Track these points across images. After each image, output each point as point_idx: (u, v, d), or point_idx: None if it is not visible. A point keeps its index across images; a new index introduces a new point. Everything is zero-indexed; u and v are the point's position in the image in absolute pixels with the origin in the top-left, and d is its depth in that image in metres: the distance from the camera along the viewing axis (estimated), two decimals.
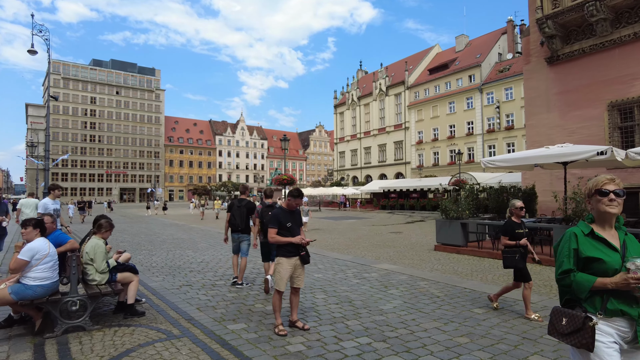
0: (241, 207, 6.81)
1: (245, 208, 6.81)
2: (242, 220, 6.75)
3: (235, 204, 6.93)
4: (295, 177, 19.26)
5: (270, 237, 4.33)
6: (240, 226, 6.76)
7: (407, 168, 51.71)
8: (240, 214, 6.76)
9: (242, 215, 6.75)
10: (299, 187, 5.31)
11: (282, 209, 4.45)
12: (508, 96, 41.80)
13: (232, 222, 6.86)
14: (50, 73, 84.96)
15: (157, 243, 12.85)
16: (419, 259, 9.62)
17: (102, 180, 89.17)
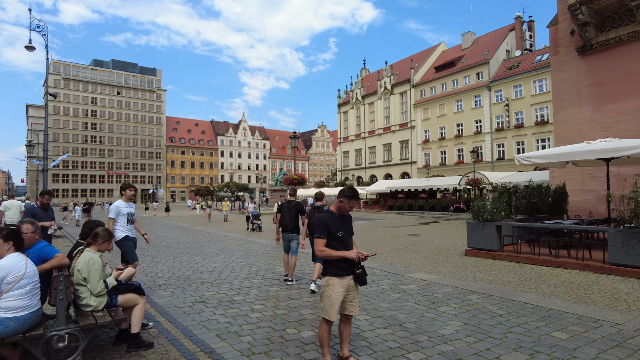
0: (290, 208, 7.23)
1: (295, 209, 7.24)
2: (292, 220, 7.16)
3: (285, 205, 7.35)
4: (305, 176, 18.40)
5: (317, 249, 3.38)
6: (290, 226, 7.15)
7: (413, 168, 50.75)
8: (290, 214, 7.19)
9: (291, 216, 7.17)
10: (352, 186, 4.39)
11: (330, 213, 3.50)
12: (517, 94, 40.82)
13: (282, 222, 7.30)
14: (51, 73, 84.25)
15: (161, 248, 11.92)
16: (453, 266, 8.67)
17: (103, 182, 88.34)
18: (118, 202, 5.98)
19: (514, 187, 11.49)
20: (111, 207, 5.98)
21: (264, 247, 12.14)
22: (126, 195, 5.95)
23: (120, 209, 5.92)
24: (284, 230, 7.26)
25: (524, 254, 9.11)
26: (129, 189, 5.98)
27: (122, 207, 5.94)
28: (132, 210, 6.06)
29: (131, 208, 6.08)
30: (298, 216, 7.21)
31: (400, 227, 19.67)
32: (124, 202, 5.95)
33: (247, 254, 10.61)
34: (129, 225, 5.94)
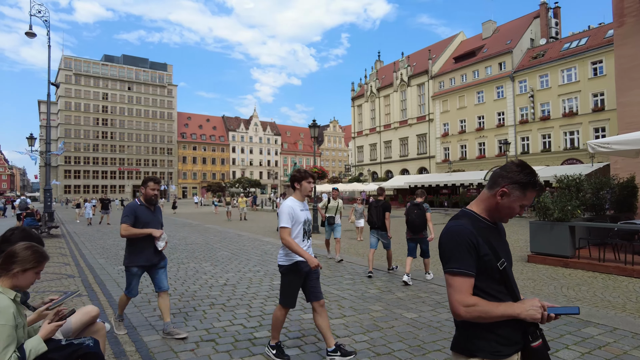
0: (377, 207, 7.55)
1: (382, 207, 7.51)
2: (379, 218, 7.46)
3: (372, 204, 7.71)
4: (327, 169, 16.65)
5: (457, 303, 1.52)
6: (377, 223, 7.50)
7: (432, 162, 48.74)
8: (377, 212, 7.51)
9: (378, 214, 7.49)
10: None
11: (475, 220, 1.66)
12: (543, 84, 38.53)
13: (370, 220, 7.66)
14: (62, 69, 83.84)
15: (165, 251, 10.29)
16: (524, 277, 6.98)
17: (114, 178, 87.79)
18: (289, 200, 3.78)
19: (579, 180, 9.65)
20: (283, 207, 3.64)
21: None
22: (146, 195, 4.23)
23: (295, 211, 3.67)
24: (372, 228, 7.64)
25: (608, 262, 7.35)
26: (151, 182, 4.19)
27: (296, 208, 3.70)
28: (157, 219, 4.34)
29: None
30: (384, 214, 7.46)
31: None
32: (299, 203, 3.79)
33: (265, 259, 9.02)
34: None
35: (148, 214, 4.13)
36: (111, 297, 5.61)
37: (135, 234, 3.99)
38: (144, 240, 4.05)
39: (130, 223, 3.98)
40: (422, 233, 6.95)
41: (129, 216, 3.99)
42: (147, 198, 4.16)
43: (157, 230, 4.11)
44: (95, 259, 9.09)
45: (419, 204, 7.08)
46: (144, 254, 4.07)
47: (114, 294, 5.75)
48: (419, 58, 54.61)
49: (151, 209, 4.19)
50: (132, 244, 4.10)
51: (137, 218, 4.02)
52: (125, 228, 3.95)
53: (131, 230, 3.96)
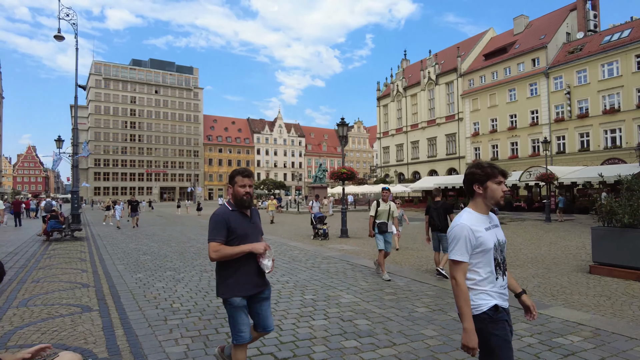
0: (438, 209, 7.34)
1: (442, 209, 7.37)
2: (441, 220, 7.30)
3: (432, 206, 7.50)
4: (356, 170, 15.82)
5: None
6: (440, 225, 7.29)
7: (462, 163, 47.15)
8: (438, 214, 7.32)
9: (439, 216, 7.32)
10: None
11: None
12: (581, 80, 36.58)
13: (431, 223, 7.46)
14: (92, 74, 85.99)
15: (188, 256, 9.80)
16: (595, 293, 6.00)
17: (142, 180, 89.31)
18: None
19: None
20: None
21: (311, 255, 9.81)
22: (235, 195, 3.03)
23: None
24: (433, 230, 7.48)
25: None
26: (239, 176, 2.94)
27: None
28: None
29: None
30: (446, 215, 7.33)
31: None
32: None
33: (294, 266, 8.29)
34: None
35: (244, 222, 2.90)
36: (124, 312, 4.99)
37: (230, 256, 2.75)
38: (243, 259, 2.82)
39: (223, 239, 2.77)
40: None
41: (219, 229, 2.78)
42: (238, 199, 2.90)
43: (259, 244, 2.85)
44: (115, 265, 8.58)
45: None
46: (247, 278, 2.84)
47: (127, 309, 5.12)
48: (447, 56, 53.10)
49: (246, 214, 2.96)
50: (226, 267, 2.84)
51: (231, 230, 2.81)
52: (216, 248, 2.73)
53: (225, 251, 2.74)
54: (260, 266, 2.84)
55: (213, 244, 2.75)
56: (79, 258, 9.59)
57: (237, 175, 2.92)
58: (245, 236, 2.84)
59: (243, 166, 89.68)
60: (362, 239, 13.77)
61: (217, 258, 2.75)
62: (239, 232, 2.82)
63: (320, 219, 13.77)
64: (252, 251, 2.78)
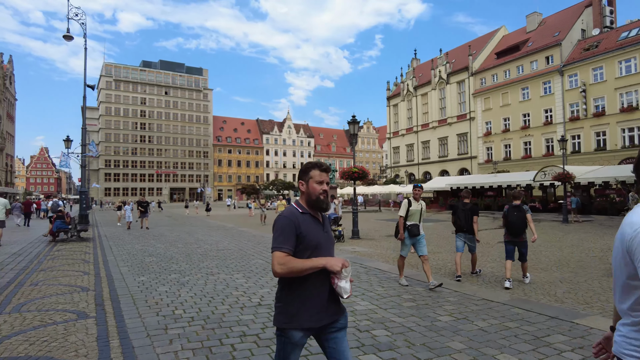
0: (465, 210, 7.30)
1: (469, 210, 7.30)
2: (467, 221, 7.24)
3: (459, 206, 7.43)
4: (367, 169, 15.31)
5: None
6: (465, 227, 7.25)
7: (474, 163, 46.41)
8: (465, 216, 7.27)
9: (466, 217, 7.25)
10: None
11: None
12: (597, 77, 35.71)
13: (456, 224, 7.41)
14: (103, 76, 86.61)
15: (195, 258, 9.45)
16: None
17: (152, 180, 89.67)
18: None
19: None
20: None
21: None
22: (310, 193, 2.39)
23: None
24: (458, 231, 7.39)
25: None
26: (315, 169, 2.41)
27: None
28: None
29: None
30: (472, 217, 7.28)
31: (480, 231, 16.34)
32: None
33: None
34: None
35: (317, 229, 2.24)
36: (122, 320, 4.62)
37: (299, 271, 2.08)
38: (313, 278, 2.14)
39: (291, 249, 2.12)
40: (522, 236, 6.63)
41: (286, 236, 2.14)
42: (313, 199, 2.24)
43: (336, 260, 2.12)
44: (118, 267, 8.26)
45: (518, 206, 6.74)
46: (314, 304, 2.16)
47: (126, 316, 4.76)
48: (458, 55, 52.40)
49: (319, 220, 2.30)
50: (290, 288, 2.16)
51: (302, 237, 2.16)
52: (283, 260, 2.07)
53: (293, 264, 2.07)
54: (334, 288, 2.14)
55: (279, 254, 2.08)
56: (83, 260, 9.29)
57: (313, 169, 2.29)
58: (317, 247, 2.19)
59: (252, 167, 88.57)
60: (374, 240, 13.33)
61: (284, 273, 2.05)
62: (310, 241, 2.17)
63: (335, 220, 13.09)
64: (327, 268, 2.09)
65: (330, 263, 2.08)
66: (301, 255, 2.13)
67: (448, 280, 7.00)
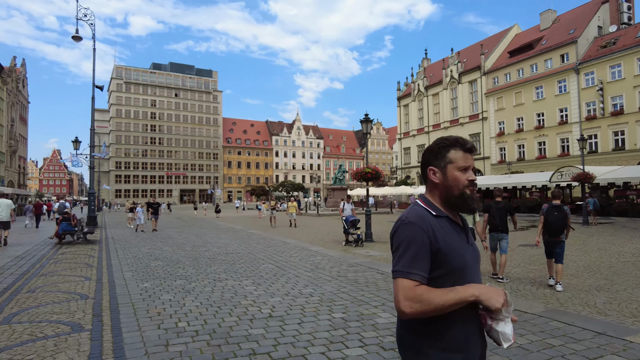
0: (500, 209, 7.18)
1: (504, 209, 7.21)
2: (502, 220, 7.15)
3: (493, 205, 7.27)
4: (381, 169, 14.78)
5: None
6: (500, 226, 7.15)
7: (487, 164, 45.58)
8: (500, 215, 7.15)
9: (501, 216, 7.15)
10: None
11: None
12: (615, 75, 34.76)
13: (491, 222, 7.21)
14: (114, 78, 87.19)
15: (202, 262, 9.03)
16: None
17: (162, 182, 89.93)
18: None
19: None
20: None
21: (335, 262, 8.91)
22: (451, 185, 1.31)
23: None
24: (493, 230, 7.27)
25: None
26: (457, 148, 1.60)
27: None
28: None
29: None
30: (507, 216, 7.22)
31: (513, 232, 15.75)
32: None
33: (318, 276, 7.41)
34: None
35: (460, 240, 1.50)
36: (119, 333, 4.19)
37: (440, 309, 1.33)
38: (458, 316, 1.40)
39: (424, 275, 1.38)
40: (560, 236, 6.53)
41: (417, 255, 1.39)
42: (456, 196, 1.50)
43: (495, 292, 1.36)
44: (122, 272, 7.87)
45: (559, 206, 6.61)
46: (466, 353, 1.43)
47: (124, 329, 4.33)
48: (470, 54, 51.59)
49: (460, 225, 1.55)
50: (426, 330, 1.42)
51: (440, 255, 1.41)
52: (414, 293, 1.34)
53: (432, 298, 1.33)
54: (487, 331, 1.44)
55: (407, 283, 1.35)
56: (86, 264, 8.92)
57: (453, 147, 1.54)
58: (463, 269, 1.45)
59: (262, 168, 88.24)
60: (387, 243, 12.80)
61: (416, 312, 1.33)
62: (454, 260, 1.43)
63: (353, 222, 12.24)
64: (480, 302, 1.36)
65: (486, 295, 1.34)
66: (441, 281, 1.40)
67: None
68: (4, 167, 49.47)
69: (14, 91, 53.96)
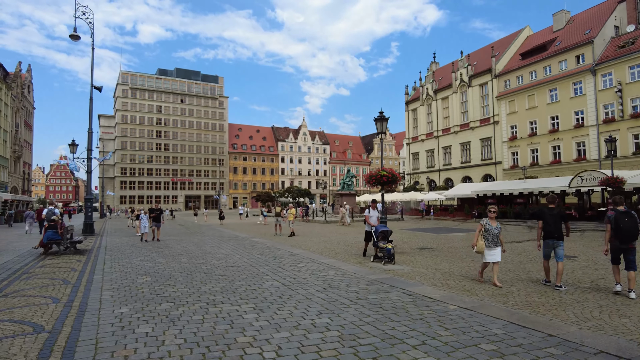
0: (554, 215, 7.03)
1: (559, 216, 7.02)
2: (557, 227, 6.98)
3: (546, 212, 7.10)
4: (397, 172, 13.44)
5: None
6: (556, 233, 6.99)
7: (498, 169, 44.14)
8: (555, 221, 7.00)
9: (556, 223, 6.98)
10: None
11: None
12: (634, 76, 33.42)
13: (547, 230, 7.05)
14: (120, 84, 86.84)
15: (197, 278, 7.82)
16: None
17: (168, 188, 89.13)
18: None
19: None
20: None
21: (351, 278, 7.66)
22: None
23: None
24: (548, 237, 7.08)
25: None
26: None
27: None
28: None
29: None
30: (562, 223, 7.08)
31: (521, 243, 14.40)
32: None
33: (332, 297, 6.16)
34: None
35: None
36: None
37: None
38: None
39: None
40: (632, 243, 6.27)
41: None
42: None
43: None
44: (101, 290, 6.68)
45: (628, 212, 6.34)
46: None
47: None
48: (480, 57, 50.37)
49: None
50: None
51: None
52: None
53: None
54: None
55: None
56: (63, 280, 7.74)
57: None
58: None
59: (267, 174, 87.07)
60: (407, 254, 11.50)
61: None
62: None
63: (384, 234, 10.09)
64: None
65: None
66: None
67: (527, 314, 5.19)
68: (7, 172, 48.76)
69: (19, 97, 53.42)
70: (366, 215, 11.26)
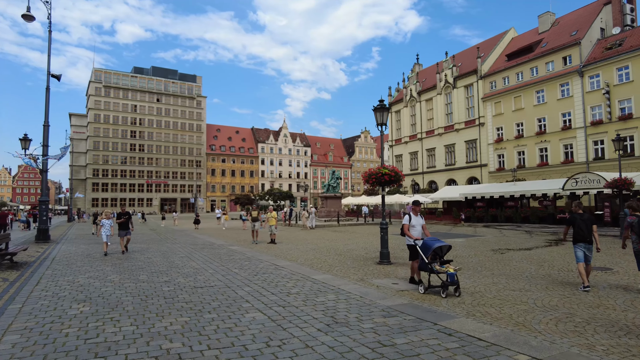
0: (585, 220, 7.28)
1: (589, 220, 7.30)
2: (589, 231, 7.24)
3: (578, 217, 7.32)
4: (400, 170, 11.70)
5: None
6: (589, 237, 7.24)
7: (484, 171, 43.25)
8: (586, 226, 7.25)
9: (587, 227, 7.24)
10: None
11: None
12: (622, 78, 32.90)
13: (580, 234, 7.24)
14: (92, 82, 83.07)
15: (153, 307, 5.88)
16: None
17: (142, 191, 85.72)
18: None
19: None
20: None
21: (359, 305, 5.89)
22: None
23: None
24: (581, 241, 7.22)
25: None
26: None
27: None
28: None
29: None
30: (592, 227, 7.22)
31: (531, 250, 12.93)
32: None
33: (345, 346, 4.35)
34: None
35: None
36: None
37: None
38: None
39: None
40: None
41: None
42: None
43: None
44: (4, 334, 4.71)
45: None
46: None
47: None
48: (465, 58, 49.60)
49: None
50: None
51: None
52: None
53: None
54: None
55: None
56: None
57: None
58: None
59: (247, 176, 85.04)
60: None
61: None
62: None
63: (437, 252, 7.02)
64: None
65: None
66: None
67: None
68: None
69: None
70: (405, 224, 7.83)
